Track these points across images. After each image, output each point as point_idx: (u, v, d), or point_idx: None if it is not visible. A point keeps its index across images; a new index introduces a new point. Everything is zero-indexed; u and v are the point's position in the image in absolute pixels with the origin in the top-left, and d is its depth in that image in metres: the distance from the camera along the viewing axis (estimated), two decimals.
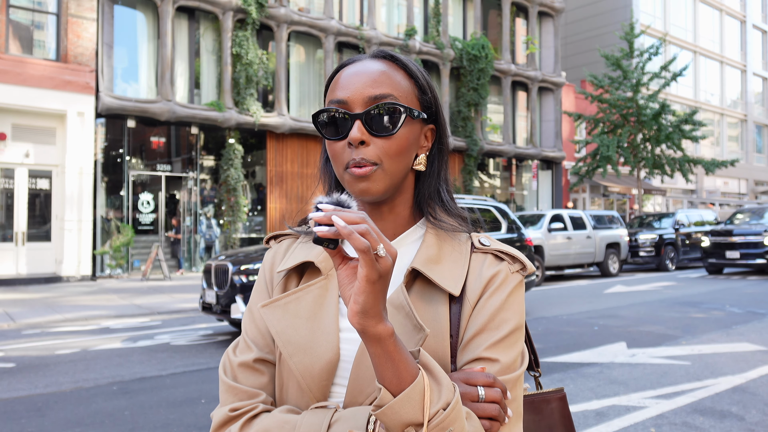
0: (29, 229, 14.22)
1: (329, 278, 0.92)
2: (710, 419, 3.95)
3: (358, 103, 0.88)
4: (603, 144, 22.20)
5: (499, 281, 0.89)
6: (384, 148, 0.87)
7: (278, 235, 1.06)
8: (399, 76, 0.91)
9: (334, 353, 0.87)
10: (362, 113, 0.87)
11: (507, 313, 0.87)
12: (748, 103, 39.55)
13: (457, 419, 0.74)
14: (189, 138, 16.80)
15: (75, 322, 8.86)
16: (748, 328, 7.37)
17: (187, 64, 16.58)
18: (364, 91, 0.88)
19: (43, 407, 4.53)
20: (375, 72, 0.90)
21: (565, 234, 14.77)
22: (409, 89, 0.92)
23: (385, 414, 0.72)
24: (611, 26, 30.76)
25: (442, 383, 0.75)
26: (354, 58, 0.94)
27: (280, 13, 17.32)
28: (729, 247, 14.64)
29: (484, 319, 0.86)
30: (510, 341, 0.86)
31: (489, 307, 0.87)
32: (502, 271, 0.90)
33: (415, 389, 0.72)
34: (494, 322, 0.86)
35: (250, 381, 0.91)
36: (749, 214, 16.29)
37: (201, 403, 4.58)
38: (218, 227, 16.42)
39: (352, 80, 0.89)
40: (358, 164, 0.86)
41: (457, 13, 22.98)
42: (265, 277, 1.00)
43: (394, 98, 0.88)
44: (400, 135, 0.88)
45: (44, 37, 14.59)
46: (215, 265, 7.08)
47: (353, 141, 0.86)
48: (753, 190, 39.22)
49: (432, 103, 0.95)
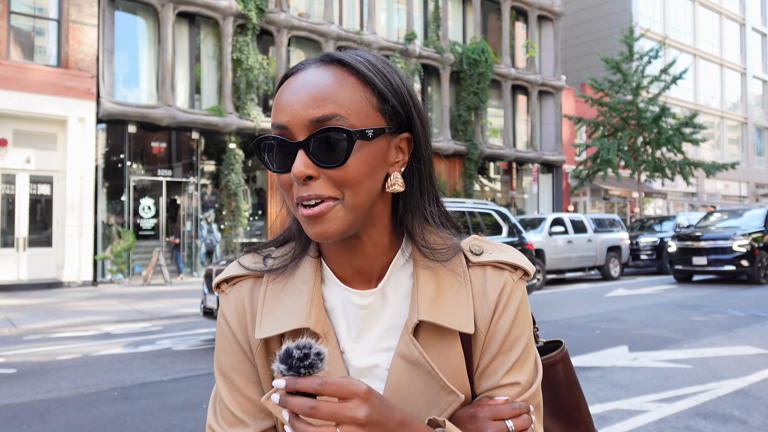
0: (30, 234, 14.23)
1: (328, 339, 0.80)
2: (713, 423, 3.94)
3: (299, 128, 0.73)
4: (603, 147, 22.21)
5: (505, 299, 0.82)
6: (338, 180, 0.72)
7: (232, 277, 0.86)
8: (349, 85, 0.75)
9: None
10: (304, 141, 0.72)
11: (518, 329, 0.82)
12: (748, 105, 39.57)
13: None
14: (190, 143, 16.82)
15: (76, 327, 8.86)
16: (750, 331, 7.35)
17: (187, 70, 16.62)
18: (305, 113, 0.72)
19: (45, 413, 4.53)
20: (318, 86, 0.74)
21: (566, 237, 14.76)
22: (362, 101, 0.75)
23: None
24: (611, 30, 30.81)
25: None
26: (299, 65, 0.79)
27: (280, 19, 17.36)
28: (696, 253, 13.45)
29: (498, 344, 0.81)
30: (524, 358, 0.82)
31: (501, 329, 0.81)
32: (507, 285, 0.83)
33: None
34: (507, 344, 0.81)
35: None
36: (726, 214, 15.30)
37: (202, 408, 4.57)
38: (219, 232, 16.43)
39: (292, 99, 0.74)
40: (305, 204, 0.73)
41: (457, 18, 23.03)
42: (234, 336, 0.84)
43: (340, 118, 0.72)
44: (355, 161, 0.72)
45: (45, 43, 14.63)
46: (216, 270, 7.07)
47: (297, 178, 0.72)
48: (754, 193, 39.20)
49: (400, 110, 0.78)
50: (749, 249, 12.83)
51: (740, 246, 12.90)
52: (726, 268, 13.05)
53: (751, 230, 13.29)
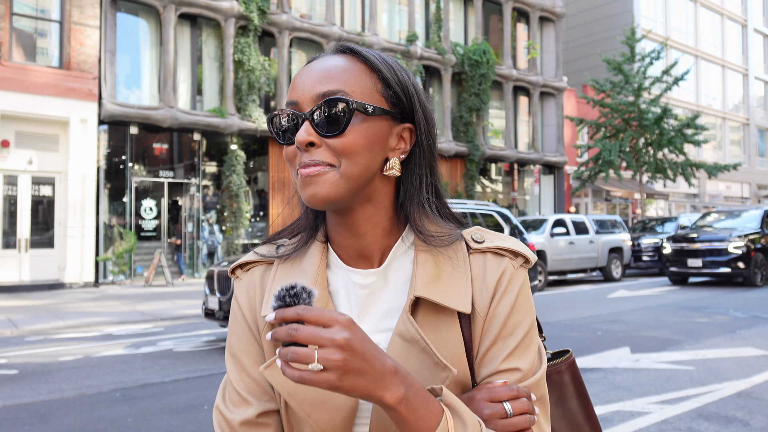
0: (32, 235, 14.25)
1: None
2: (715, 425, 3.93)
3: (307, 101, 0.80)
4: (605, 148, 22.19)
5: (505, 283, 0.83)
6: (336, 148, 0.78)
7: (246, 263, 0.92)
8: (357, 69, 0.82)
9: (353, 401, 0.80)
10: (309, 112, 0.79)
11: (518, 315, 0.82)
12: (750, 107, 39.53)
13: None
14: (191, 144, 16.84)
15: (78, 328, 8.87)
16: (753, 332, 7.34)
17: (189, 71, 16.64)
18: (313, 88, 0.79)
19: (46, 414, 4.53)
20: (328, 67, 0.81)
21: (567, 239, 14.75)
22: (367, 83, 0.81)
23: None
24: (612, 31, 30.79)
25: (467, 423, 0.71)
26: (317, 55, 0.86)
27: (281, 20, 17.38)
28: (691, 255, 13.23)
29: (497, 329, 0.81)
30: (525, 344, 0.82)
31: (500, 314, 0.82)
32: (507, 270, 0.83)
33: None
34: (507, 329, 0.81)
35: None
36: (723, 215, 15.10)
37: (204, 409, 4.57)
38: (221, 233, 16.44)
39: (305, 78, 0.81)
40: (307, 169, 0.78)
41: (459, 19, 23.03)
42: (244, 317, 0.88)
43: (344, 94, 0.78)
44: (353, 133, 0.78)
45: (47, 45, 14.66)
46: (218, 271, 7.08)
47: (300, 144, 0.78)
48: (756, 194, 39.15)
49: (403, 98, 0.84)
50: (745, 251, 12.66)
51: (736, 248, 12.72)
52: (721, 270, 12.83)
53: (747, 232, 13.11)
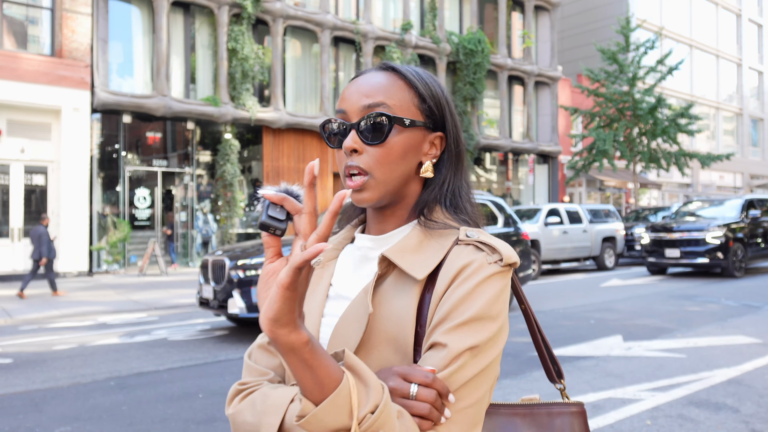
0: (25, 224, 14.18)
1: (325, 269, 1.00)
2: (705, 411, 3.98)
3: (354, 112, 0.91)
4: (599, 138, 22.22)
5: (470, 271, 0.84)
6: (375, 156, 0.89)
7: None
8: (397, 85, 0.93)
9: (314, 334, 0.91)
10: (356, 123, 0.90)
11: (471, 302, 0.81)
12: (743, 96, 39.62)
13: (387, 421, 0.71)
14: (185, 133, 16.76)
15: (72, 317, 8.86)
16: (744, 320, 7.41)
17: (182, 59, 16.52)
18: (359, 101, 0.91)
19: (41, 402, 4.54)
20: (372, 83, 0.92)
21: (561, 228, 14.80)
22: (405, 98, 0.92)
23: (309, 423, 0.70)
24: (607, 20, 30.74)
25: (370, 384, 0.72)
26: (363, 71, 0.97)
27: (275, 8, 17.26)
28: (669, 245, 12.97)
29: (448, 308, 0.82)
30: (468, 328, 0.80)
31: (455, 296, 0.82)
32: (477, 261, 0.85)
33: (340, 395, 0.70)
34: (457, 311, 0.81)
35: (264, 361, 0.96)
36: (706, 203, 14.80)
37: (198, 397, 4.59)
38: (215, 223, 16.41)
39: (352, 91, 0.93)
40: (350, 174, 0.90)
41: (454, 8, 22.94)
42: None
43: (386, 107, 0.90)
44: (392, 143, 0.89)
45: (38, 32, 14.52)
46: (212, 261, 7.08)
47: (346, 150, 0.89)
48: (748, 184, 39.34)
49: (435, 111, 0.95)
50: (723, 241, 12.40)
51: (714, 238, 12.48)
52: (699, 261, 12.58)
53: (726, 221, 12.85)
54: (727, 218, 13.14)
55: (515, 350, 5.96)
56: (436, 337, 0.81)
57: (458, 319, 0.80)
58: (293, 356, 0.70)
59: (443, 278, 0.85)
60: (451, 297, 0.83)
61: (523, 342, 6.41)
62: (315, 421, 0.70)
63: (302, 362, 0.70)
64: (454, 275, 0.84)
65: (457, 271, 0.84)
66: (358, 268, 0.97)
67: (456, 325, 0.80)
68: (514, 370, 5.18)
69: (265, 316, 0.69)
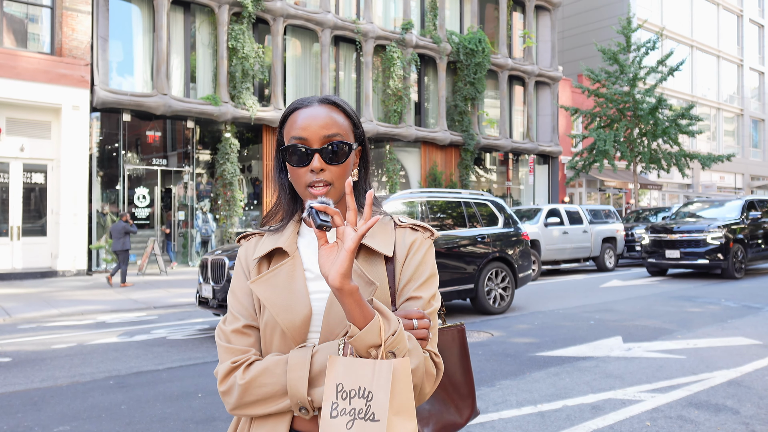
0: (24, 223, 14.17)
1: (295, 258, 1.25)
2: (705, 413, 3.97)
3: (316, 140, 1.20)
4: (600, 138, 22.20)
5: (417, 246, 1.25)
6: (336, 172, 1.20)
7: (247, 234, 1.37)
8: (341, 117, 1.24)
9: (308, 309, 1.19)
10: (320, 149, 1.19)
11: (424, 267, 1.24)
12: (744, 97, 39.60)
13: (402, 340, 1.05)
14: (185, 132, 16.74)
15: (71, 316, 8.85)
16: (744, 322, 7.40)
17: (182, 58, 16.51)
18: (319, 131, 1.20)
19: (40, 401, 4.52)
20: (326, 115, 1.22)
21: (561, 228, 14.79)
22: (348, 127, 1.25)
23: (356, 341, 1.03)
24: (608, 20, 30.73)
25: (390, 319, 1.05)
26: (304, 101, 1.24)
27: (276, 7, 17.24)
28: (669, 246, 12.90)
29: (410, 273, 1.22)
30: (428, 284, 1.23)
31: (413, 264, 1.23)
32: (418, 238, 1.27)
33: (375, 323, 1.03)
34: (417, 273, 1.22)
35: (242, 342, 1.21)
36: (707, 204, 14.74)
37: (198, 397, 4.58)
38: (214, 222, 16.39)
39: (309, 122, 1.20)
40: (317, 185, 1.19)
41: (454, 7, 22.92)
42: (242, 265, 1.31)
43: (341, 136, 1.21)
44: (346, 162, 1.21)
45: (39, 31, 14.50)
46: (212, 260, 7.06)
47: (315, 169, 1.18)
48: (749, 185, 39.33)
49: (361, 132, 1.29)
50: (723, 242, 12.33)
51: (714, 239, 12.40)
52: (699, 262, 12.50)
53: (726, 222, 12.78)
54: (727, 219, 13.08)
55: (515, 351, 5.95)
56: (411, 293, 1.21)
57: (420, 279, 1.22)
58: (350, 298, 1.01)
59: (400, 252, 1.24)
60: (410, 265, 1.23)
61: (522, 342, 6.40)
62: (360, 340, 1.03)
63: (356, 302, 1.02)
64: (407, 250, 1.24)
65: (408, 247, 1.25)
66: None
67: (421, 283, 1.22)
68: (513, 370, 5.17)
69: (338, 272, 1.00)
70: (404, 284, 1.22)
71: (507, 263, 8.87)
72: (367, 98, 19.46)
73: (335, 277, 1.00)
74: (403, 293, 1.21)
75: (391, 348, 1.04)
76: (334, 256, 1.03)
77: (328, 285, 1.02)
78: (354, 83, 20.10)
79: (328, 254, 1.04)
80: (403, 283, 1.22)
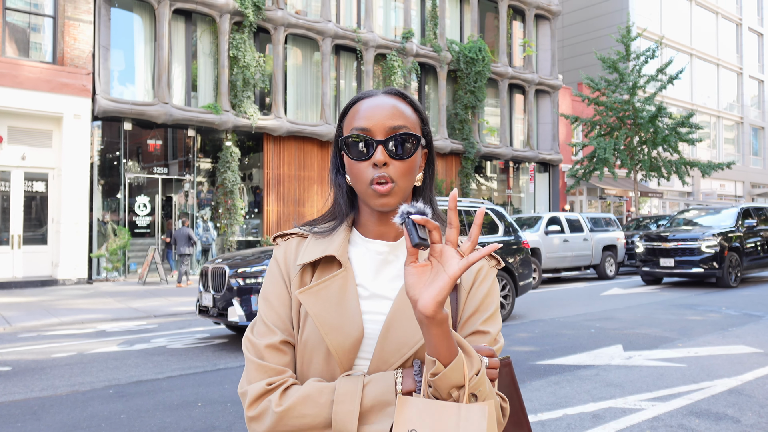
0: (25, 232, 14.19)
1: (347, 270, 1.11)
2: (706, 421, 3.96)
3: (380, 131, 1.06)
4: (600, 146, 22.24)
5: (483, 274, 1.15)
6: (400, 168, 1.06)
7: (285, 233, 1.21)
8: (408, 110, 1.11)
9: (360, 332, 1.05)
10: (385, 140, 1.06)
11: (491, 298, 1.14)
12: (744, 105, 39.68)
13: (484, 382, 0.95)
14: (186, 141, 16.78)
15: (71, 325, 8.84)
16: (744, 330, 7.38)
17: (183, 67, 16.58)
18: (385, 122, 1.07)
19: (39, 411, 4.52)
20: (393, 106, 1.09)
21: (561, 236, 14.79)
22: (416, 121, 1.12)
23: (440, 380, 0.92)
24: (608, 29, 30.85)
25: (472, 356, 0.95)
26: (369, 92, 1.13)
27: (277, 16, 17.33)
28: (663, 254, 12.76)
29: (477, 303, 1.11)
30: (495, 318, 1.13)
31: (479, 294, 1.12)
32: (485, 266, 1.16)
33: (459, 360, 0.92)
34: (483, 305, 1.12)
35: (277, 360, 1.07)
36: (702, 212, 14.63)
37: (197, 406, 4.57)
38: (215, 230, 16.40)
39: (373, 112, 1.08)
40: (380, 182, 1.05)
41: (454, 16, 23.02)
42: (279, 269, 1.16)
43: (407, 129, 1.08)
44: (413, 158, 1.08)
45: (40, 40, 14.57)
46: (212, 268, 7.07)
47: (378, 162, 1.05)
48: (749, 192, 39.33)
49: (428, 132, 1.16)
50: (718, 250, 12.19)
51: (709, 247, 12.25)
52: (694, 271, 12.35)
53: (722, 230, 12.65)
54: (722, 227, 12.95)
55: (515, 359, 5.94)
56: (477, 326, 1.10)
57: (487, 311, 1.12)
58: (439, 329, 0.90)
59: (465, 279, 1.13)
60: (476, 294, 1.12)
61: (522, 351, 6.38)
62: (444, 379, 0.92)
63: (444, 333, 0.91)
64: (474, 277, 1.14)
65: (475, 274, 1.14)
66: (381, 271, 1.13)
67: (488, 317, 1.11)
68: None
69: (433, 299, 0.88)
70: (469, 315, 1.10)
71: (507, 271, 8.86)
72: None
73: (429, 303, 0.88)
74: (468, 325, 1.10)
75: (473, 390, 0.93)
76: (428, 278, 0.90)
77: (417, 311, 0.90)
78: (355, 92, 20.14)
79: (420, 275, 0.91)
80: (468, 314, 1.11)
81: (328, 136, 18.38)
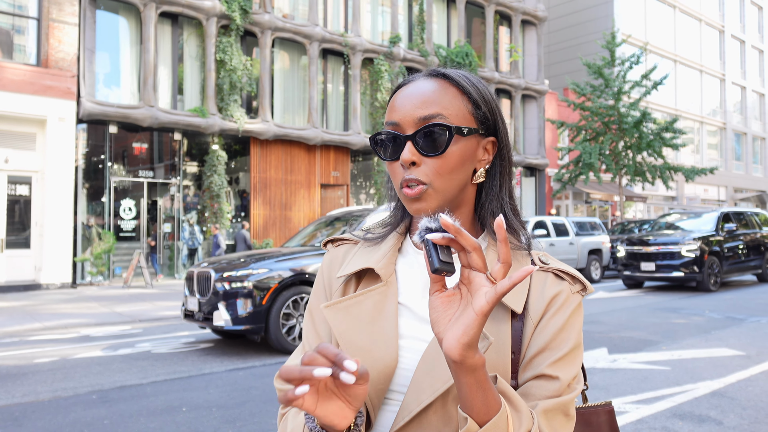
0: (8, 235, 14.01)
1: (388, 285, 0.93)
2: (689, 424, 4.00)
3: (409, 124, 0.89)
4: (585, 151, 22.43)
5: (560, 302, 0.89)
6: (434, 167, 0.88)
7: (336, 239, 1.07)
8: (450, 93, 0.91)
9: (393, 359, 0.87)
10: (412, 135, 0.88)
11: (568, 333, 0.88)
12: (726, 111, 40.20)
13: None
14: (172, 144, 16.69)
15: (54, 330, 8.73)
16: (727, 333, 7.47)
17: (170, 70, 16.49)
18: (414, 112, 0.89)
19: (21, 417, 4.46)
20: (425, 92, 0.90)
21: (548, 240, 14.88)
22: (460, 106, 0.91)
23: None
24: (593, 35, 31.13)
25: (522, 410, 0.77)
26: (410, 78, 0.96)
27: (264, 20, 17.30)
28: (644, 258, 12.84)
29: (546, 339, 0.87)
30: (570, 359, 0.87)
31: (552, 327, 0.88)
32: (564, 291, 0.90)
33: (501, 418, 0.73)
34: (556, 342, 0.87)
35: None
36: (683, 216, 14.76)
37: (182, 411, 4.53)
38: (201, 234, 16.31)
39: (404, 102, 0.91)
40: (408, 185, 0.88)
41: (441, 21, 23.13)
42: (323, 280, 1.03)
43: (443, 117, 0.88)
44: (450, 153, 0.88)
45: (25, 42, 14.43)
46: (198, 272, 7.03)
47: (404, 163, 0.88)
48: (732, 197, 39.82)
49: (489, 116, 0.94)
50: (698, 254, 12.27)
51: (689, 251, 12.34)
52: (674, 275, 12.43)
53: (702, 234, 12.76)
54: (702, 231, 13.07)
55: None
56: (544, 369, 0.85)
57: (560, 350, 0.86)
58: (472, 377, 0.72)
59: (535, 308, 0.89)
60: (548, 328, 0.88)
61: None
62: None
63: (478, 383, 0.72)
64: (546, 306, 0.89)
65: (549, 302, 0.89)
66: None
67: (560, 357, 0.86)
68: None
69: (459, 341, 0.69)
70: (535, 353, 0.87)
71: None
72: (355, 111, 19.53)
73: (454, 345, 0.69)
74: (532, 365, 0.86)
75: None
76: (455, 311, 0.72)
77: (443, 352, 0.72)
78: (342, 96, 20.16)
79: (446, 307, 0.72)
80: (534, 351, 0.87)
81: (315, 140, 18.37)
